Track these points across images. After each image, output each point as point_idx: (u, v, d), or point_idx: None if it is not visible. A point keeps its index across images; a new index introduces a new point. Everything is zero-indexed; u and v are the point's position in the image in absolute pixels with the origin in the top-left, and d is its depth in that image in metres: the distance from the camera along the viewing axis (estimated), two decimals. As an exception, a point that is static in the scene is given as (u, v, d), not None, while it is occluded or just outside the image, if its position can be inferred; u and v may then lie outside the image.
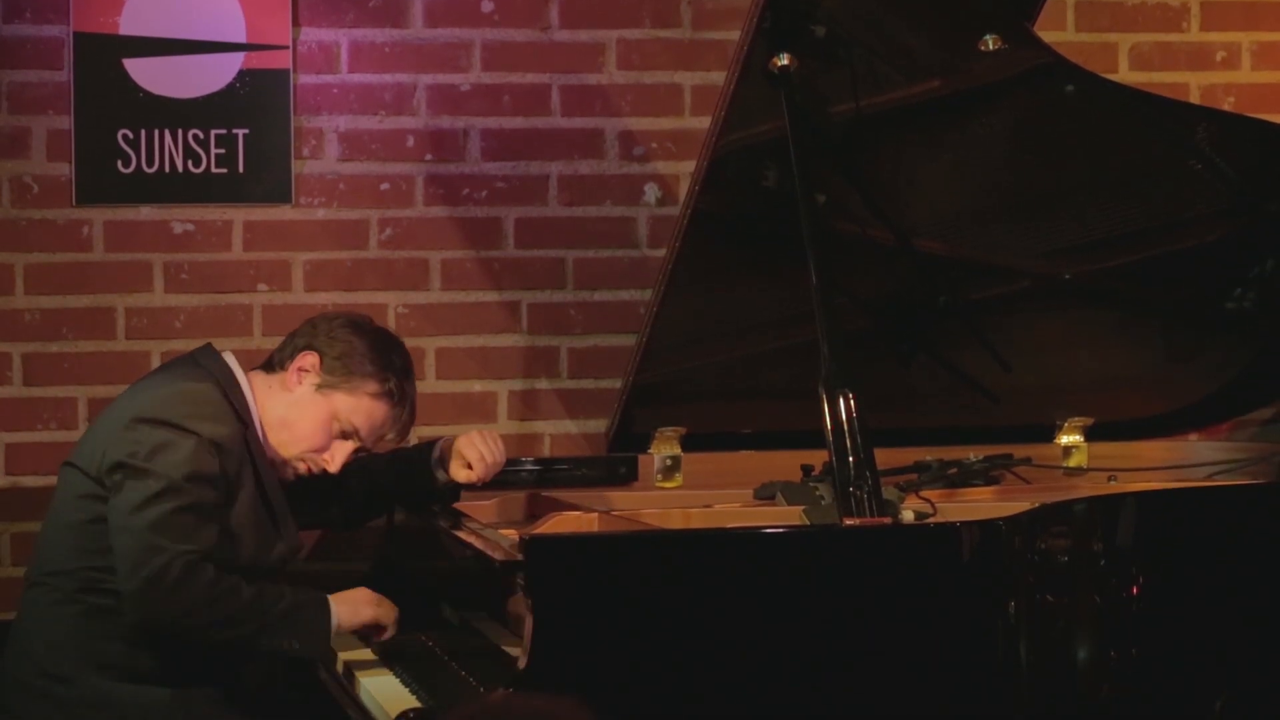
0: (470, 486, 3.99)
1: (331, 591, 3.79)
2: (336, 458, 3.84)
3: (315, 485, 3.93)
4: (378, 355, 3.83)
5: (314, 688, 3.97)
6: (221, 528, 3.66)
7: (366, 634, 3.83)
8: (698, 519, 3.94)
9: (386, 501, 4.16)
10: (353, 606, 3.76)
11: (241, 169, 4.65)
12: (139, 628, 3.63)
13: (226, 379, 3.80)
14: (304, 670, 3.98)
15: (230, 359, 3.85)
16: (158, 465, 3.62)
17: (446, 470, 4.01)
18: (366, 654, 3.84)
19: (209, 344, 3.92)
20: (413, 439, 4.56)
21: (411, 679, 3.63)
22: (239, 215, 4.67)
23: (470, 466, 3.97)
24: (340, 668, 3.84)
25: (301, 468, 3.85)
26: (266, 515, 3.78)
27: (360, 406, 3.81)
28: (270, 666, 3.83)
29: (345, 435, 3.83)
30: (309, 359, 3.82)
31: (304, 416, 3.81)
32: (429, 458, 4.03)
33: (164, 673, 3.69)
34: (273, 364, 3.88)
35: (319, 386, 3.81)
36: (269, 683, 3.84)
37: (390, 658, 3.79)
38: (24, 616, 3.81)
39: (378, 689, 3.60)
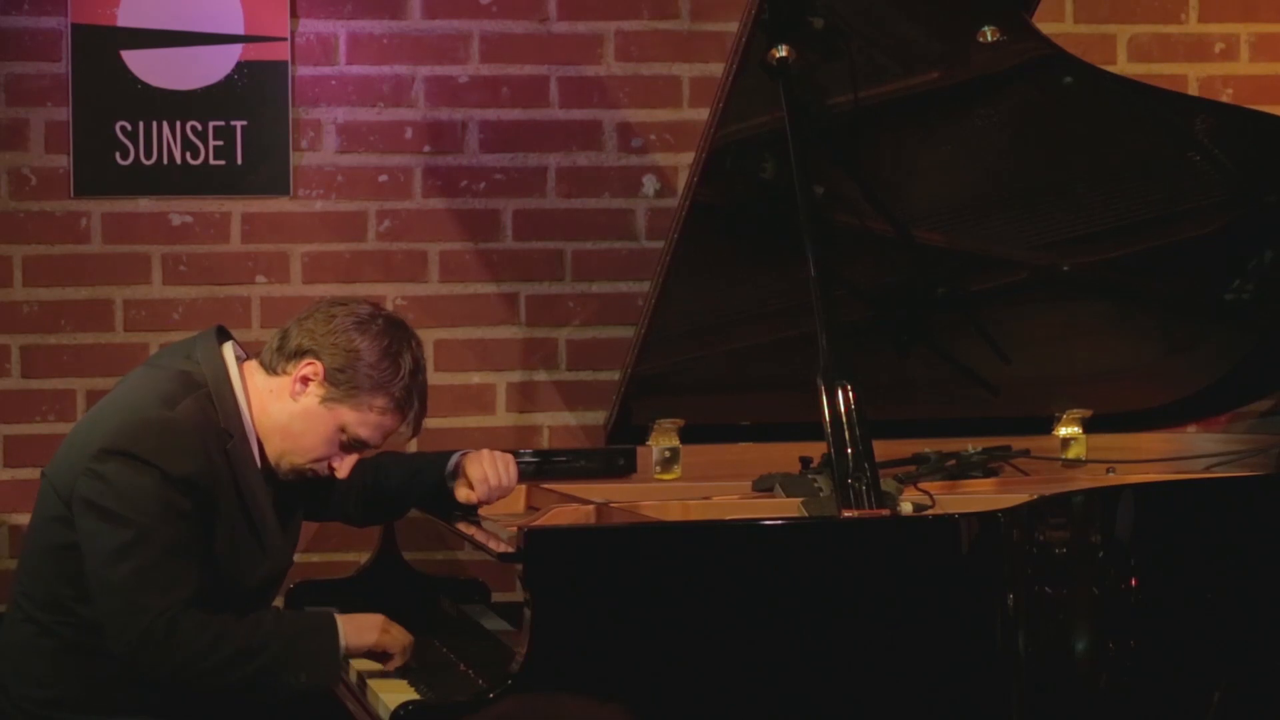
0: (471, 507, 3.87)
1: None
2: (345, 465, 3.70)
3: (332, 483, 3.84)
4: (386, 364, 3.62)
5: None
6: (199, 558, 3.53)
7: (375, 657, 3.67)
8: (696, 511, 3.94)
9: (403, 504, 4.03)
10: (358, 627, 3.59)
11: (240, 161, 4.65)
12: (122, 664, 3.51)
13: (218, 379, 3.63)
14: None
15: (229, 353, 3.68)
16: (128, 508, 3.47)
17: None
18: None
19: (214, 330, 3.74)
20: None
21: (410, 672, 3.62)
22: (237, 207, 4.67)
23: (472, 487, 3.84)
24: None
25: (308, 474, 3.70)
26: (250, 536, 3.63)
27: (367, 420, 3.63)
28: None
29: (352, 446, 3.68)
30: (310, 367, 3.62)
31: (309, 430, 3.64)
32: (443, 471, 3.90)
33: (146, 706, 3.58)
34: (272, 363, 3.67)
35: (323, 399, 3.62)
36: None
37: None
38: (3, 641, 3.70)
39: (376, 682, 3.60)
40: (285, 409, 3.65)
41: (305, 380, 3.63)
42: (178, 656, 3.45)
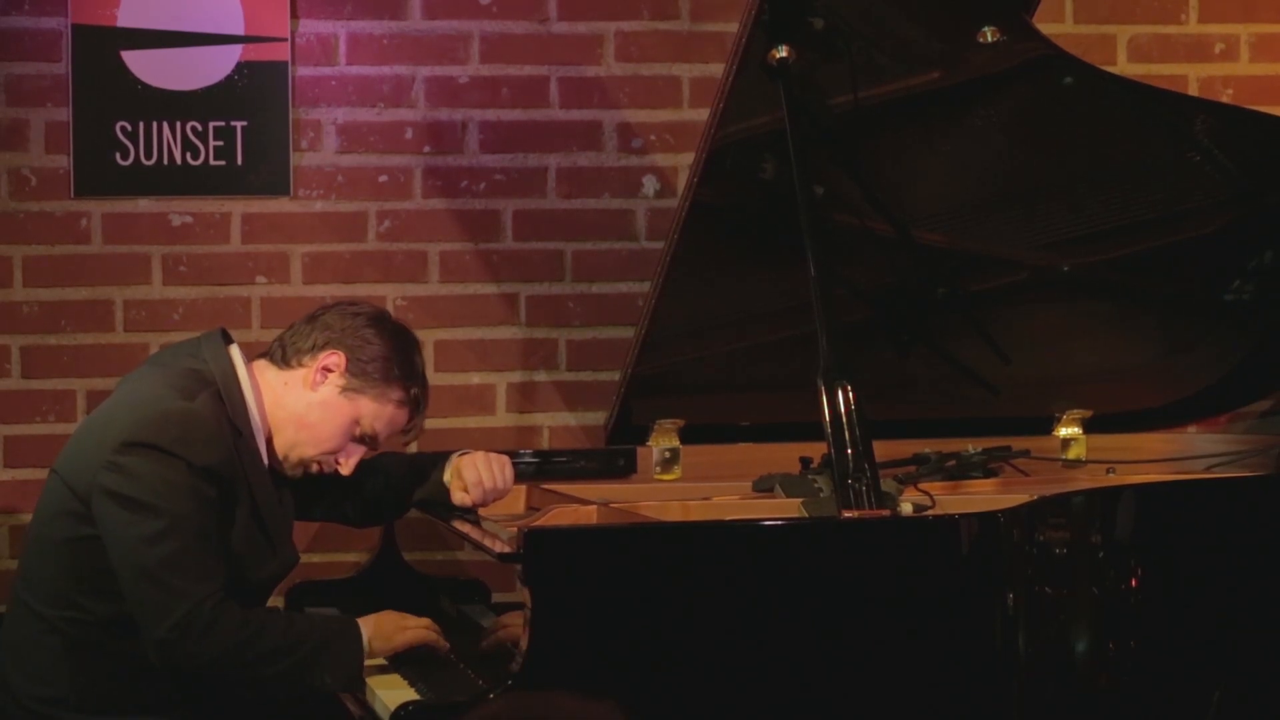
0: (466, 510, 3.88)
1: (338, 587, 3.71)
2: (351, 460, 3.73)
3: (331, 483, 3.86)
4: (404, 360, 3.72)
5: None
6: (223, 548, 3.55)
7: (400, 656, 3.67)
8: (696, 511, 3.94)
9: (401, 505, 4.03)
10: (384, 631, 3.60)
11: (240, 161, 4.65)
12: (134, 663, 3.52)
13: (227, 377, 3.65)
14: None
15: (236, 354, 3.70)
16: (156, 497, 3.48)
17: None
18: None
19: (218, 331, 3.76)
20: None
21: (409, 671, 3.62)
22: (237, 207, 4.67)
23: (467, 490, 3.87)
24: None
25: (314, 469, 3.73)
26: (260, 532, 3.65)
27: (384, 413, 3.70)
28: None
29: (363, 440, 3.72)
30: (334, 359, 3.68)
31: (326, 419, 3.69)
32: (440, 473, 3.91)
33: (151, 704, 3.59)
34: (286, 357, 3.72)
35: (344, 389, 3.68)
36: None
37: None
38: (6, 639, 3.70)
39: (375, 680, 3.60)
40: (302, 399, 3.70)
41: (327, 370, 3.69)
42: (217, 648, 3.46)
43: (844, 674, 3.38)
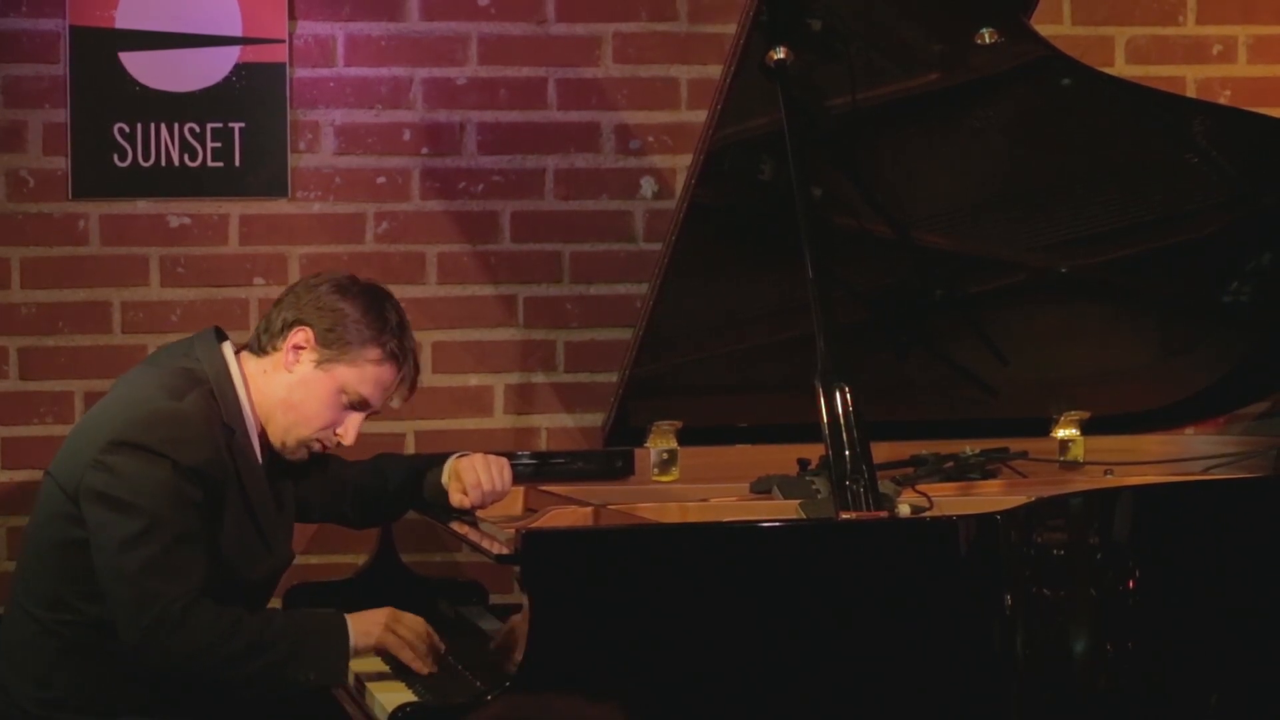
0: (464, 511, 3.88)
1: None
2: (350, 430, 3.71)
3: (330, 484, 3.87)
4: (373, 317, 3.67)
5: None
6: (207, 549, 3.54)
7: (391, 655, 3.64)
8: (694, 513, 3.94)
9: (400, 506, 4.03)
10: (365, 628, 3.57)
11: (238, 163, 4.65)
12: (130, 665, 3.52)
13: (219, 375, 3.66)
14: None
15: (229, 351, 3.70)
16: (139, 497, 3.48)
17: None
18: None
19: (211, 329, 3.76)
20: (409, 433, 4.58)
21: (408, 672, 3.62)
22: (235, 209, 4.67)
23: (466, 492, 3.86)
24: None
25: (316, 446, 3.72)
26: (253, 530, 3.65)
27: (366, 375, 3.67)
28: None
29: (355, 406, 3.70)
30: (301, 334, 3.66)
31: (310, 396, 3.67)
32: (439, 474, 3.91)
33: (148, 706, 3.59)
34: (261, 344, 3.71)
35: (318, 362, 3.66)
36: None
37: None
38: (4, 641, 3.70)
39: (373, 684, 3.59)
40: (282, 381, 3.69)
41: (298, 349, 3.68)
42: (189, 646, 3.45)
43: (842, 675, 3.38)
